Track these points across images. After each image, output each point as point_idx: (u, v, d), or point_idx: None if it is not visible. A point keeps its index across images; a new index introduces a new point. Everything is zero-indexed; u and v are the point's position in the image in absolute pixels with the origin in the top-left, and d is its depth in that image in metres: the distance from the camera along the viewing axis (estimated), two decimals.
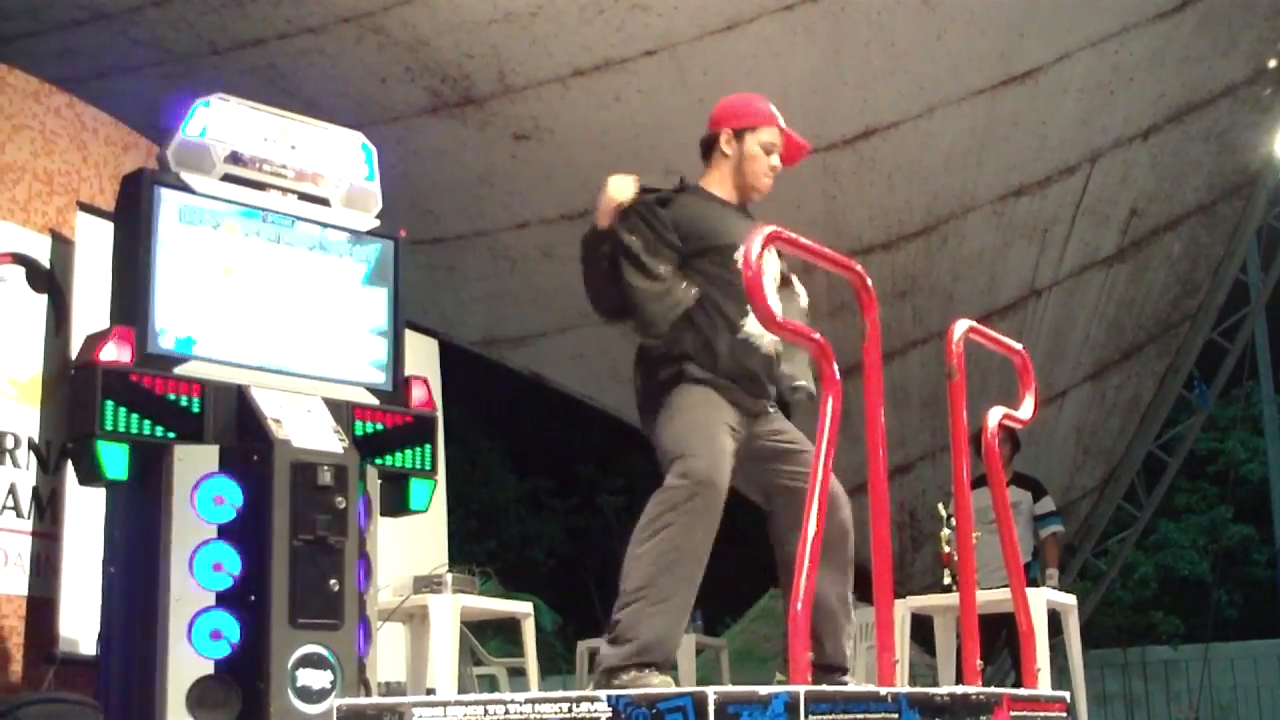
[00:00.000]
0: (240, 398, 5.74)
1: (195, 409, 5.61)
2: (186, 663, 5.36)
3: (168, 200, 5.78)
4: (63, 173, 7.23)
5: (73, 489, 6.39)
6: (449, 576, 7.20)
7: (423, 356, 8.93)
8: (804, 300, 4.99)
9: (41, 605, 6.66)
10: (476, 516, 22.92)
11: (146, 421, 5.49)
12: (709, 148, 4.94)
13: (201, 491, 5.49)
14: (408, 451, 6.29)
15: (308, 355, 6.09)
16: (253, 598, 5.45)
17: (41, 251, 7.01)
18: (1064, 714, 4.35)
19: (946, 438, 4.58)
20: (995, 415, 4.60)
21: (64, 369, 6.49)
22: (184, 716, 5.30)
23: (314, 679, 5.50)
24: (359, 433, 6.06)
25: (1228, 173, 12.31)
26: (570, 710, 3.24)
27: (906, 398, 12.00)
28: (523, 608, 7.81)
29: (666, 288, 4.60)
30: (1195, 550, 21.61)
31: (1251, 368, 16.30)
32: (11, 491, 6.71)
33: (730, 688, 3.37)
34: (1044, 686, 5.59)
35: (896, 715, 3.39)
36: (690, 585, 4.34)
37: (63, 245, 7.03)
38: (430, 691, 6.99)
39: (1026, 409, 4.78)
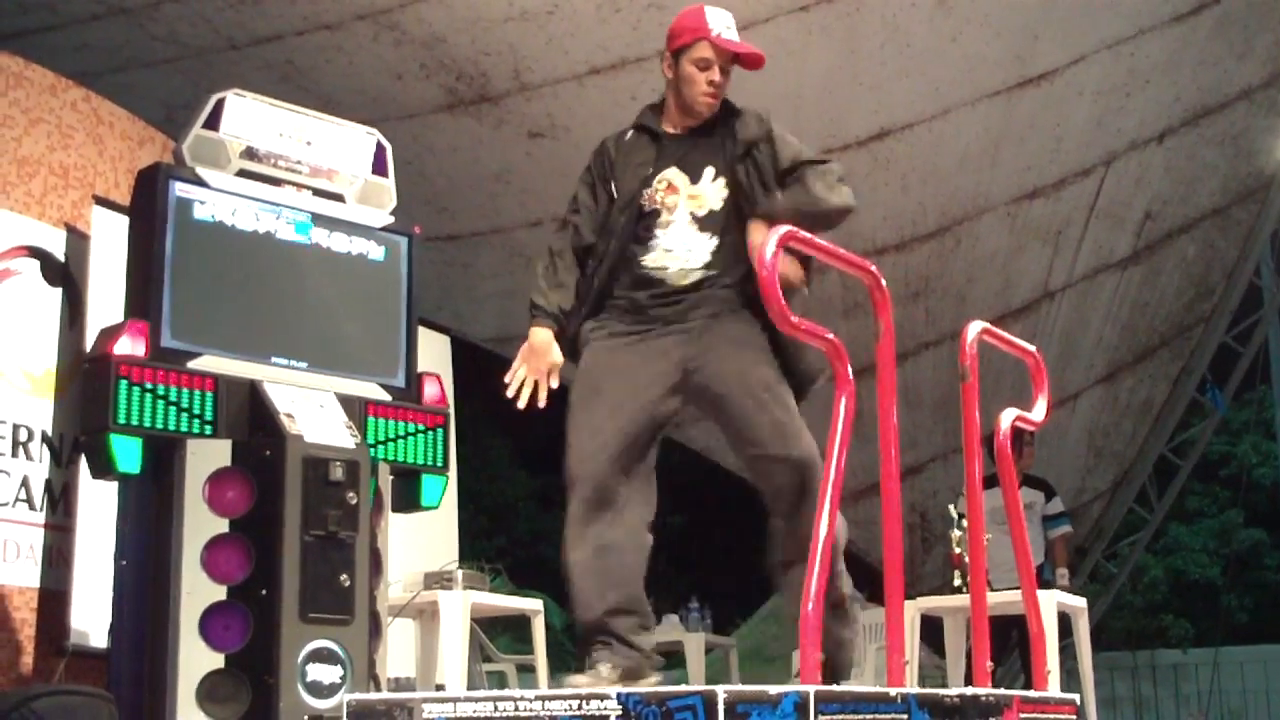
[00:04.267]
0: (253, 392, 5.75)
1: (208, 403, 5.63)
2: (197, 656, 5.37)
3: (183, 195, 5.79)
4: (78, 167, 7.25)
5: (85, 482, 6.39)
6: (459, 573, 7.22)
7: (434, 353, 8.93)
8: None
9: (53, 598, 6.68)
10: (487, 513, 22.93)
11: (159, 415, 5.50)
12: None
13: (213, 485, 5.51)
14: (420, 447, 6.30)
15: (321, 351, 6.10)
16: (264, 592, 5.45)
17: (57, 245, 7.03)
18: (1073, 716, 4.35)
19: (958, 439, 4.58)
20: (1008, 417, 4.60)
21: (78, 362, 6.50)
22: (194, 710, 5.32)
23: (324, 674, 5.51)
24: (371, 428, 6.07)
25: (1242, 176, 12.31)
26: (580, 707, 3.25)
27: (919, 399, 12.00)
28: (533, 605, 7.83)
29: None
30: (1206, 554, 21.63)
31: (1264, 371, 16.31)
32: (24, 484, 6.72)
33: (740, 687, 3.37)
34: (1054, 689, 5.59)
35: (906, 716, 3.38)
36: None
37: (78, 239, 7.05)
38: (439, 687, 7.01)
39: (1039, 411, 4.78)
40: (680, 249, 4.61)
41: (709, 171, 4.71)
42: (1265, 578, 21.94)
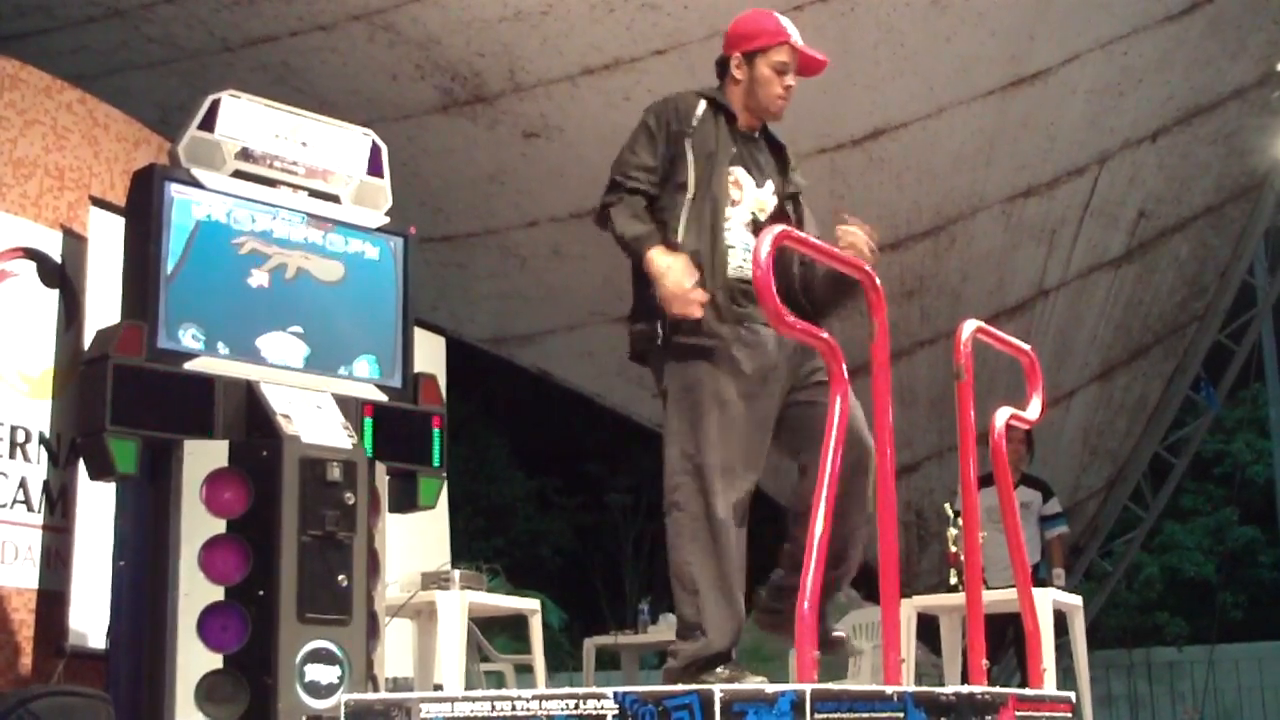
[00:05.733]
0: (250, 393, 5.76)
1: (205, 405, 5.64)
2: (195, 657, 5.38)
3: (178, 196, 5.80)
4: (74, 168, 7.25)
5: (83, 484, 6.39)
6: (456, 573, 7.23)
7: (430, 354, 8.94)
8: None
9: (52, 599, 6.68)
10: (484, 514, 22.96)
11: (156, 417, 5.52)
12: (722, 69, 4.87)
13: (210, 486, 5.52)
14: (416, 448, 6.32)
15: (317, 351, 6.11)
16: (261, 593, 5.46)
17: (53, 246, 7.03)
18: (1069, 714, 4.37)
19: (954, 437, 4.60)
20: (1002, 415, 4.62)
21: (75, 364, 6.50)
22: (193, 710, 5.32)
23: (322, 674, 5.52)
24: (368, 429, 6.08)
25: (1235, 175, 12.32)
26: (577, 707, 3.26)
27: (914, 397, 12.01)
28: (530, 605, 7.84)
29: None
30: (1201, 552, 21.64)
31: (1258, 370, 16.32)
32: (22, 486, 6.72)
33: (736, 685, 3.39)
34: (1049, 687, 5.61)
35: (902, 714, 3.40)
36: None
37: (74, 240, 7.05)
38: (437, 687, 7.02)
39: (1034, 409, 4.80)
40: (739, 248, 4.64)
41: (768, 179, 4.82)
42: (1260, 575, 21.96)
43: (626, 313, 4.77)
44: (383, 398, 6.23)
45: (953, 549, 7.30)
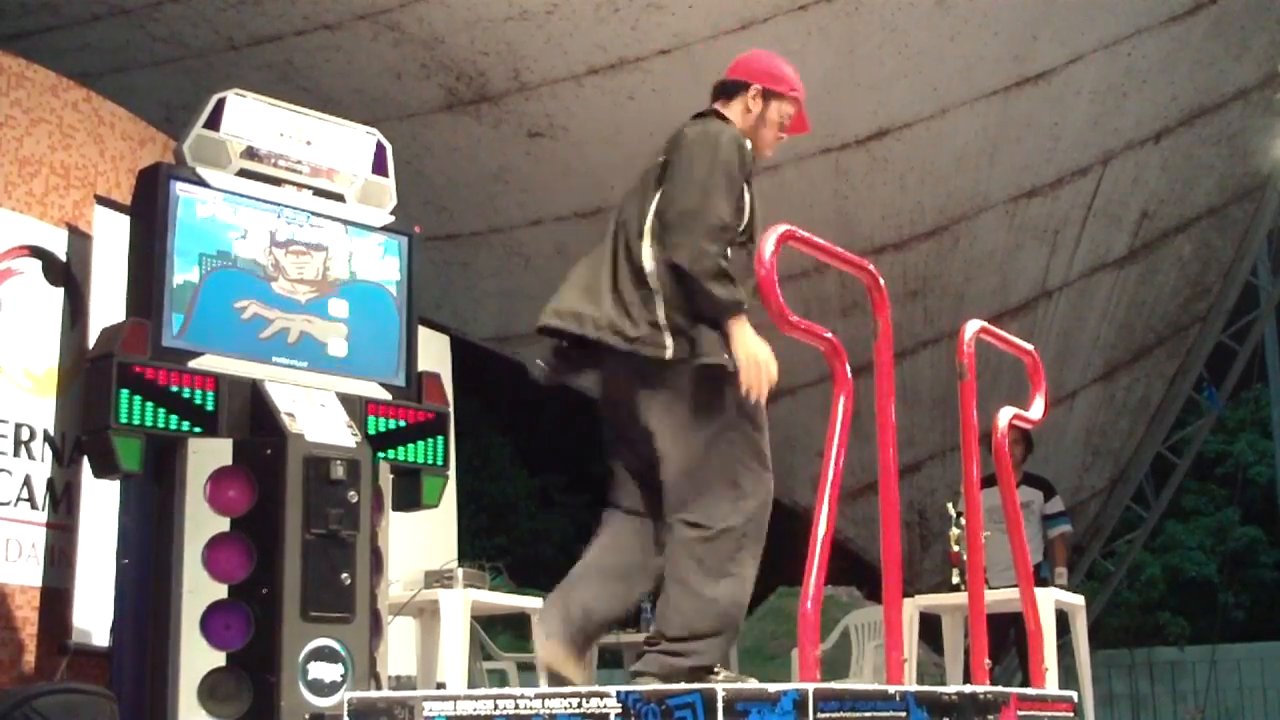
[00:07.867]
0: (254, 392, 5.77)
1: (209, 403, 5.64)
2: (198, 655, 5.39)
3: (184, 194, 5.81)
4: (80, 166, 7.26)
5: (88, 481, 6.42)
6: (460, 571, 7.23)
7: (434, 352, 8.95)
8: None
9: (55, 596, 6.69)
10: (487, 512, 22.94)
11: (161, 414, 5.52)
12: (729, 95, 4.65)
13: (214, 484, 5.53)
14: (420, 447, 6.32)
15: (321, 350, 6.12)
16: (265, 591, 5.46)
17: (58, 245, 7.04)
18: (1070, 714, 4.37)
19: (956, 437, 4.60)
20: (1005, 415, 4.62)
21: (80, 362, 6.52)
22: (196, 708, 5.33)
23: (325, 672, 5.53)
24: (372, 428, 6.09)
25: (1239, 176, 12.32)
26: (580, 705, 3.26)
27: (917, 397, 12.02)
28: (533, 603, 7.83)
29: None
30: (1203, 552, 21.66)
31: (1260, 370, 16.34)
32: (26, 483, 6.73)
33: (739, 685, 3.39)
34: (1051, 686, 5.62)
35: (904, 714, 3.41)
36: None
37: (79, 239, 7.06)
38: (440, 686, 7.02)
39: (1036, 409, 4.81)
40: None
41: None
42: (1261, 575, 21.97)
43: None
44: (387, 396, 6.23)
45: (955, 549, 7.31)
